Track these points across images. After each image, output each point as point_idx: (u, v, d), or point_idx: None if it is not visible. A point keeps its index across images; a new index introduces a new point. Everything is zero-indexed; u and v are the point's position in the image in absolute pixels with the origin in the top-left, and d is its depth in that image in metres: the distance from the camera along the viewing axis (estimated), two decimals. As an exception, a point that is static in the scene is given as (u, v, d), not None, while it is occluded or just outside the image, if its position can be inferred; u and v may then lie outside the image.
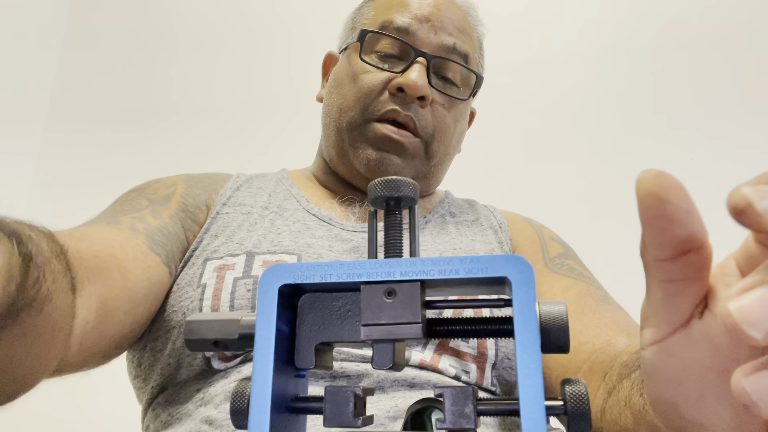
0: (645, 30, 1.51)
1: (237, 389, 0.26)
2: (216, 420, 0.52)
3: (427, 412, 0.29)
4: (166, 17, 1.81)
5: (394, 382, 0.54)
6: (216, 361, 0.57)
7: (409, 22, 0.70)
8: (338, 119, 0.72)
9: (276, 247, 0.62)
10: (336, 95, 0.73)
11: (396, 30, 0.70)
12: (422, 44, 0.70)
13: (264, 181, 0.75)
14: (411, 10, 0.71)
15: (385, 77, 0.69)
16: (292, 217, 0.68)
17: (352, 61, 0.73)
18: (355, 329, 0.25)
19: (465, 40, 0.73)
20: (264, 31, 1.72)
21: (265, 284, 0.25)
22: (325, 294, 0.26)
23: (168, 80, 1.74)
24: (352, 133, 0.70)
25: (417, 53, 0.69)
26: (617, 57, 1.51)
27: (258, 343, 0.24)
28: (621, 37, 1.52)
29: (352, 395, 0.25)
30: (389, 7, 0.73)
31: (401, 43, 0.70)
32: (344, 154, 0.71)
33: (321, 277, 0.24)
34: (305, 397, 0.27)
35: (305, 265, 0.24)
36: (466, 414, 0.24)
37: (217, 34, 1.76)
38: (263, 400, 0.23)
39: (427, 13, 0.71)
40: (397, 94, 0.68)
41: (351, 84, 0.71)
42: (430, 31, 0.70)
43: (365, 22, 0.75)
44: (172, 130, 1.68)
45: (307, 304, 0.26)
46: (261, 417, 0.23)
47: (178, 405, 0.57)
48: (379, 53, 0.71)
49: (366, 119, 0.69)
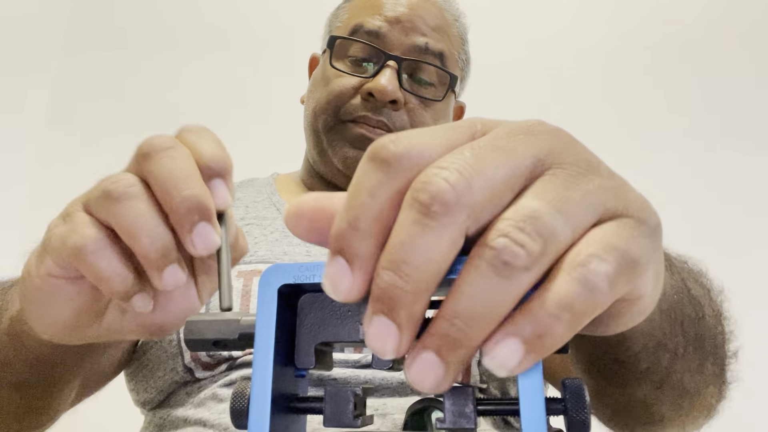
0: (645, 30, 1.51)
1: (237, 389, 0.26)
2: (209, 421, 0.52)
3: (427, 412, 0.29)
4: (167, 17, 1.81)
5: (383, 381, 0.55)
6: (199, 371, 0.57)
7: (380, 25, 0.70)
8: (314, 122, 0.72)
9: (251, 257, 0.62)
10: (311, 99, 0.74)
11: (366, 34, 0.70)
12: (393, 47, 0.70)
13: (246, 192, 0.75)
14: (383, 12, 0.71)
15: (356, 82, 0.69)
16: (271, 226, 0.68)
17: (325, 66, 0.73)
18: (355, 329, 0.25)
19: (440, 38, 0.72)
20: (260, 31, 1.72)
21: (265, 284, 0.24)
22: (325, 294, 0.26)
23: (169, 81, 1.74)
24: (328, 134, 0.70)
25: (387, 57, 0.68)
26: (617, 57, 1.50)
27: (258, 343, 0.24)
28: (620, 36, 1.52)
29: (352, 395, 0.25)
30: (362, 10, 0.73)
31: (371, 48, 0.70)
32: (324, 153, 0.72)
33: (321, 276, 0.24)
34: (305, 397, 0.27)
35: (305, 265, 0.24)
36: (466, 414, 0.24)
37: (217, 34, 1.75)
38: (263, 400, 0.23)
39: (398, 14, 0.71)
40: (369, 99, 0.68)
41: (323, 88, 0.71)
42: (401, 32, 0.70)
43: (339, 25, 0.75)
44: (171, 129, 1.67)
45: (307, 304, 0.26)
46: (261, 417, 0.23)
47: (170, 408, 0.57)
48: (351, 57, 0.71)
49: (339, 120, 0.70)
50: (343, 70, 0.70)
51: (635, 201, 0.22)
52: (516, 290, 0.19)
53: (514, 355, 0.19)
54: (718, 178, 1.37)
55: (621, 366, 0.41)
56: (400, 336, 0.19)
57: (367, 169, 0.21)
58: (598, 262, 0.19)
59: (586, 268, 0.19)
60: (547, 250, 0.19)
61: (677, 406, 0.46)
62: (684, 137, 1.42)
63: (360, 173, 0.21)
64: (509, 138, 0.21)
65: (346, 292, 0.20)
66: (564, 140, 0.22)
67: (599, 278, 0.19)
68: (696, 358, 0.43)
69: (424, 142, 0.21)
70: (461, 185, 0.19)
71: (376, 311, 0.20)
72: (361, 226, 0.20)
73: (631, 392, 0.45)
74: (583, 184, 0.21)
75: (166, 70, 1.75)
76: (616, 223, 0.21)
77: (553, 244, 0.19)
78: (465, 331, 0.19)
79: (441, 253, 0.19)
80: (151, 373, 0.59)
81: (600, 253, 0.20)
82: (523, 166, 0.21)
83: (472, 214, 0.19)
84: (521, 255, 0.19)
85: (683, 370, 0.43)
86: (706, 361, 0.44)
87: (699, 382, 0.45)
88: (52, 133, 1.76)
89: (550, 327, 0.19)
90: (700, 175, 1.38)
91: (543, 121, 0.22)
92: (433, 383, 0.20)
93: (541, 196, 0.20)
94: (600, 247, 0.20)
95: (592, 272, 0.19)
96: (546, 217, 0.19)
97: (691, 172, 1.39)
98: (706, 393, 0.46)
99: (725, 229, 1.31)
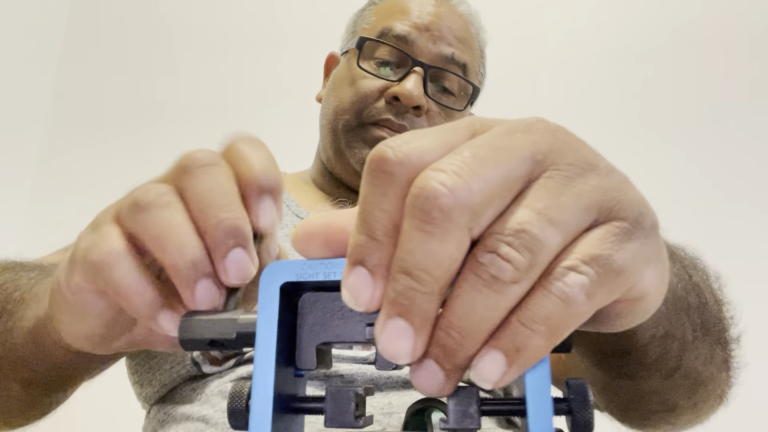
0: (645, 30, 1.52)
1: (235, 389, 0.25)
2: (212, 419, 0.52)
3: (427, 412, 0.29)
4: (169, 17, 1.78)
5: (388, 379, 0.54)
6: (206, 365, 0.56)
7: (409, 31, 0.71)
8: (334, 121, 0.72)
9: None
10: (333, 97, 0.74)
11: (395, 38, 0.71)
12: (420, 53, 0.70)
13: None
14: (411, 18, 0.72)
15: (381, 84, 0.70)
16: (281, 223, 0.68)
17: (350, 66, 0.73)
18: (359, 329, 0.25)
19: (464, 49, 0.73)
20: (266, 30, 1.71)
21: (267, 282, 0.24)
22: (327, 293, 0.25)
23: (170, 81, 1.72)
24: (347, 135, 0.71)
25: (414, 63, 0.69)
26: (617, 57, 1.51)
27: (259, 342, 0.24)
28: (621, 37, 1.53)
29: (353, 395, 0.24)
30: (390, 14, 0.74)
31: (399, 52, 0.71)
32: (341, 153, 0.72)
33: (324, 275, 0.24)
34: (305, 397, 0.26)
35: (308, 263, 0.24)
36: (470, 414, 0.23)
37: (219, 34, 1.73)
38: (265, 400, 0.23)
39: (427, 22, 0.71)
40: (393, 102, 0.68)
41: (348, 87, 0.72)
42: (429, 40, 0.71)
43: (366, 27, 0.76)
44: (172, 131, 1.66)
45: (308, 304, 0.26)
46: (262, 418, 0.23)
47: (173, 404, 0.57)
48: (378, 60, 0.72)
49: (361, 122, 0.70)
50: (370, 72, 0.71)
51: (631, 201, 0.22)
52: (507, 302, 0.20)
53: (496, 368, 0.20)
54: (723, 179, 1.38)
55: (630, 358, 0.42)
56: (415, 338, 0.20)
57: (371, 182, 0.21)
58: (573, 276, 0.20)
59: (562, 281, 0.20)
60: (535, 262, 0.19)
61: (691, 394, 0.46)
62: (689, 138, 1.43)
63: (366, 186, 0.21)
64: (507, 136, 0.21)
65: (368, 302, 0.20)
66: (563, 138, 0.22)
67: (575, 291, 0.19)
68: (705, 345, 0.44)
69: (422, 145, 0.21)
70: (459, 188, 0.19)
71: (391, 314, 0.20)
72: (380, 236, 0.20)
73: (642, 383, 0.45)
74: (578, 185, 0.21)
75: (168, 70, 1.73)
76: (605, 229, 0.21)
77: (543, 256, 0.20)
78: (460, 341, 0.20)
79: (448, 256, 0.19)
80: (157, 366, 0.58)
81: (577, 265, 0.20)
82: (521, 167, 0.20)
83: (473, 216, 0.19)
84: (508, 270, 0.19)
85: (694, 358, 0.43)
86: (715, 347, 0.45)
87: (711, 369, 0.45)
88: (52, 134, 1.72)
89: (528, 340, 0.19)
90: (702, 175, 1.39)
91: (542, 119, 0.22)
92: (435, 389, 0.21)
93: (532, 205, 0.20)
94: (579, 258, 0.20)
95: (567, 285, 0.19)
96: (534, 229, 0.19)
97: (697, 172, 1.39)
98: (719, 379, 0.47)
99: (731, 230, 1.32)
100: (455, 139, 0.21)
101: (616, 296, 0.21)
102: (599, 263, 0.20)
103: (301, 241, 0.23)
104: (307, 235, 0.23)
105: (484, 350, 0.20)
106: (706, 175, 1.39)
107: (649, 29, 1.52)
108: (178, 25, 1.77)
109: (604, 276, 0.20)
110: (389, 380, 0.54)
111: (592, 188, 0.21)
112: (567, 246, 0.20)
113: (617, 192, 0.21)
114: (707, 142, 1.41)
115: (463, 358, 0.20)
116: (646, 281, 0.22)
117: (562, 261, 0.20)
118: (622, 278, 0.20)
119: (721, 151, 1.40)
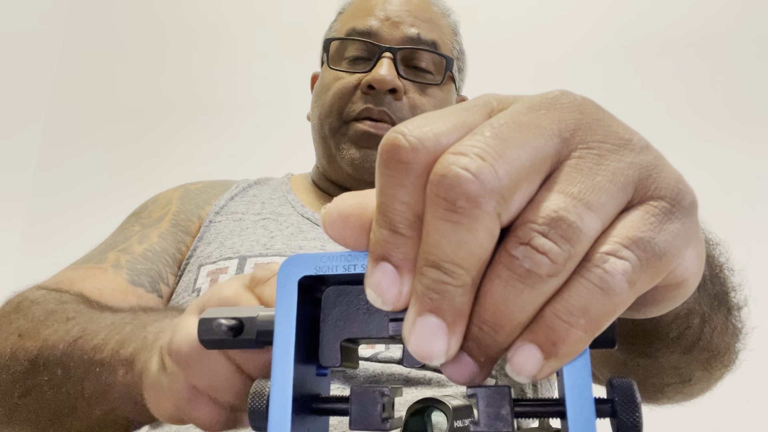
0: (645, 31, 1.49)
1: (255, 389, 0.24)
2: None
3: (427, 412, 0.27)
4: (169, 19, 1.80)
5: (390, 377, 0.54)
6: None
7: (371, 24, 0.73)
8: (321, 129, 0.74)
9: (268, 250, 0.64)
10: (316, 107, 0.76)
11: (359, 34, 0.73)
12: (386, 41, 0.72)
13: (262, 189, 0.78)
14: (372, 13, 0.74)
15: (356, 79, 0.71)
16: (287, 221, 0.70)
17: (324, 72, 0.76)
18: (383, 325, 0.23)
19: (430, 28, 0.74)
20: (269, 31, 1.71)
21: (284, 276, 0.23)
22: (351, 287, 0.24)
23: (171, 81, 1.74)
24: (335, 138, 0.72)
25: (382, 49, 0.70)
26: (617, 58, 1.49)
27: (277, 339, 0.22)
28: (621, 37, 1.50)
29: (380, 396, 0.23)
30: (352, 16, 0.76)
31: (366, 44, 0.72)
32: (332, 159, 0.73)
33: (345, 267, 0.22)
34: (328, 398, 0.25)
35: (327, 255, 0.23)
36: (502, 416, 0.22)
37: (223, 34, 1.74)
38: (284, 400, 0.22)
39: (387, 12, 0.73)
40: (369, 91, 0.69)
41: (326, 93, 0.73)
42: (392, 27, 0.73)
43: (333, 35, 0.78)
44: (173, 132, 1.68)
45: (332, 298, 0.24)
46: (282, 419, 0.22)
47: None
48: (348, 58, 0.73)
49: (344, 121, 0.71)
50: (342, 70, 0.73)
51: (668, 178, 0.20)
52: (543, 296, 0.18)
53: (532, 362, 0.18)
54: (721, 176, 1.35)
55: (652, 337, 0.41)
56: (449, 336, 0.18)
57: (386, 172, 0.19)
58: (614, 261, 0.18)
59: (601, 268, 0.18)
60: (574, 252, 0.18)
61: (707, 365, 0.46)
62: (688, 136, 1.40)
63: (381, 177, 0.19)
64: (530, 113, 0.19)
65: (395, 299, 0.19)
66: (590, 112, 0.20)
67: (616, 278, 0.18)
68: (720, 317, 0.43)
69: (436, 127, 0.19)
70: (485, 172, 0.17)
71: (421, 311, 0.18)
72: (402, 229, 0.19)
73: (661, 360, 0.45)
74: (612, 163, 0.19)
75: (170, 71, 1.75)
76: (644, 209, 0.19)
77: (581, 244, 0.18)
78: (493, 336, 0.19)
79: (478, 246, 0.18)
80: None
81: (618, 249, 0.18)
82: (549, 145, 0.19)
83: (502, 201, 0.18)
84: (544, 264, 0.18)
85: (711, 330, 0.43)
86: (728, 317, 0.44)
87: (727, 339, 0.45)
88: (52, 134, 1.76)
89: (566, 334, 0.18)
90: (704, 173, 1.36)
91: (567, 91, 0.20)
92: (468, 380, 0.20)
93: (565, 189, 0.18)
94: (619, 242, 0.18)
95: (608, 272, 0.18)
96: (572, 216, 0.18)
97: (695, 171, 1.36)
98: (735, 349, 0.47)
99: (731, 230, 1.27)
100: (472, 118, 0.20)
101: (657, 281, 0.19)
102: (640, 247, 0.18)
103: (337, 225, 0.21)
104: (343, 217, 0.21)
105: (518, 343, 0.19)
106: (706, 174, 1.35)
107: (649, 29, 1.49)
108: (178, 25, 1.78)
109: (646, 260, 0.18)
110: (391, 377, 0.54)
111: (627, 165, 0.19)
112: (606, 229, 0.19)
113: (653, 169, 0.20)
114: (707, 142, 1.39)
115: (498, 351, 0.19)
116: (687, 264, 0.20)
117: (600, 246, 0.18)
118: (665, 262, 0.19)
119: (721, 151, 1.38)
